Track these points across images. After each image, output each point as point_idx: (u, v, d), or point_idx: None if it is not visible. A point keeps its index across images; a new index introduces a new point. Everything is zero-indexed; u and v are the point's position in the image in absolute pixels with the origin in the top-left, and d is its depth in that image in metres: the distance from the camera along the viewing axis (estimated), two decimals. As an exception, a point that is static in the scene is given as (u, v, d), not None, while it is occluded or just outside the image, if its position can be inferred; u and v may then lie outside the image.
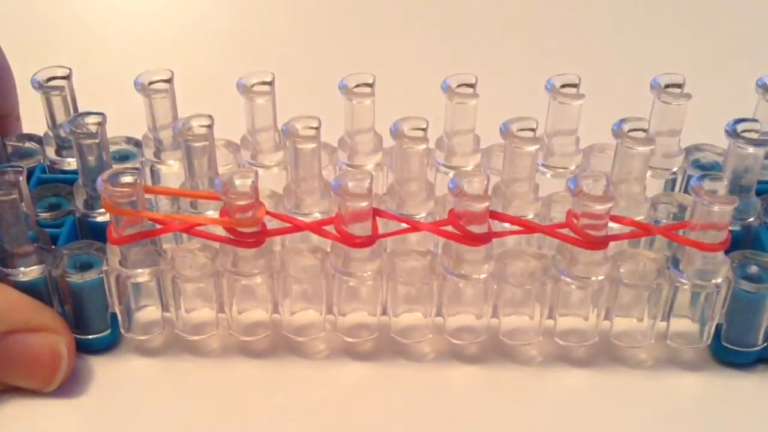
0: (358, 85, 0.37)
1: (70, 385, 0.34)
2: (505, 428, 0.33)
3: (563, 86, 0.37)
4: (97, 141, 0.35)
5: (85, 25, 0.59)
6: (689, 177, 0.38)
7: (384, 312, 0.36)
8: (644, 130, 0.35)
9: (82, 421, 0.34)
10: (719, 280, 0.33)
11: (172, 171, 0.39)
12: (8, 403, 0.34)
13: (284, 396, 0.34)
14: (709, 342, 0.35)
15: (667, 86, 0.37)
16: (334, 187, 0.32)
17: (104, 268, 0.34)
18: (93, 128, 0.35)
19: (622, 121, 0.35)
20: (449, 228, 0.33)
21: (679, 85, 0.37)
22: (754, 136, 0.35)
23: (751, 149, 0.35)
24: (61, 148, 0.39)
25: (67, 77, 0.38)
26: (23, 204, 0.33)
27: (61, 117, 0.39)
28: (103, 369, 0.35)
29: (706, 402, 0.34)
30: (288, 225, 0.34)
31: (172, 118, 0.38)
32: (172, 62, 0.38)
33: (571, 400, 0.34)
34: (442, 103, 0.37)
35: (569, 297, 0.35)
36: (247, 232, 0.33)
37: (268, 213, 0.33)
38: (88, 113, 0.35)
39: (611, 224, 0.33)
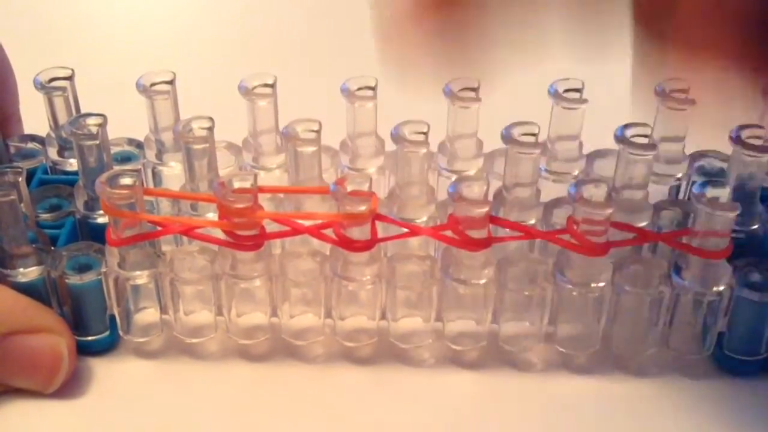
0: (360, 89, 0.37)
1: (68, 387, 0.34)
2: (503, 435, 0.33)
3: (566, 91, 0.36)
4: (98, 142, 0.35)
5: (87, 26, 0.59)
6: (693, 183, 0.38)
7: (383, 316, 0.35)
8: (647, 136, 0.35)
9: (81, 423, 0.34)
10: (721, 288, 0.33)
11: (174, 173, 0.38)
12: (8, 404, 0.34)
13: (283, 399, 0.34)
14: (712, 350, 0.35)
15: (672, 92, 0.36)
16: (333, 190, 0.32)
17: (103, 269, 0.34)
18: (94, 129, 0.35)
19: (625, 126, 0.35)
20: (449, 233, 0.33)
21: (684, 91, 0.36)
22: (759, 142, 0.35)
23: (755, 156, 0.35)
24: (63, 149, 0.39)
25: (70, 78, 0.38)
26: (22, 205, 0.33)
27: (63, 118, 0.39)
28: (102, 371, 0.35)
29: (708, 411, 0.34)
30: (287, 228, 0.34)
31: (173, 119, 0.38)
32: (174, 64, 0.38)
33: (571, 408, 0.34)
34: (444, 108, 0.37)
35: (570, 303, 0.35)
36: (246, 235, 0.33)
37: (267, 216, 0.33)
38: (89, 114, 0.35)
39: (613, 230, 0.33)
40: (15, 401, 0.34)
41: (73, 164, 0.39)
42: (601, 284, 0.33)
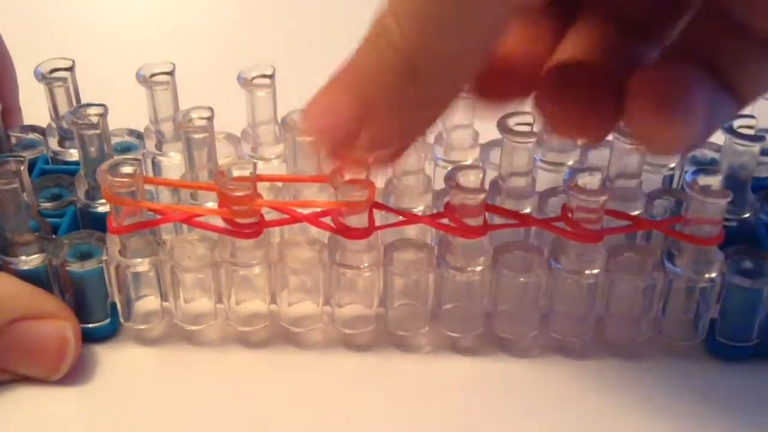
0: (357, 79, 0.37)
1: (70, 374, 0.34)
2: (500, 420, 0.34)
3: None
4: (99, 132, 0.35)
5: (88, 17, 0.59)
6: (686, 172, 0.38)
7: (381, 303, 0.36)
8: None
9: (81, 410, 0.34)
10: (714, 275, 0.34)
11: (174, 163, 0.39)
12: (12, 392, 0.34)
13: (281, 386, 0.35)
14: (704, 337, 0.35)
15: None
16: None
17: (104, 257, 0.34)
18: (94, 119, 0.35)
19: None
20: (445, 221, 0.33)
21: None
22: (750, 132, 0.35)
23: (747, 145, 0.35)
24: (64, 139, 0.40)
25: (70, 69, 0.39)
26: (24, 193, 0.34)
27: (63, 108, 0.39)
28: (102, 358, 0.35)
29: (700, 396, 0.34)
30: (286, 216, 0.34)
31: (173, 110, 0.38)
32: (174, 55, 0.39)
33: (566, 393, 0.35)
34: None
35: (564, 290, 0.35)
36: (245, 223, 0.33)
37: (265, 204, 0.33)
38: (90, 105, 0.36)
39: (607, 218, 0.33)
40: (19, 389, 0.34)
41: (73, 154, 0.39)
42: (595, 271, 0.34)
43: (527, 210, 0.36)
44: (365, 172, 0.32)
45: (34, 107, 0.42)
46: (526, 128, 0.35)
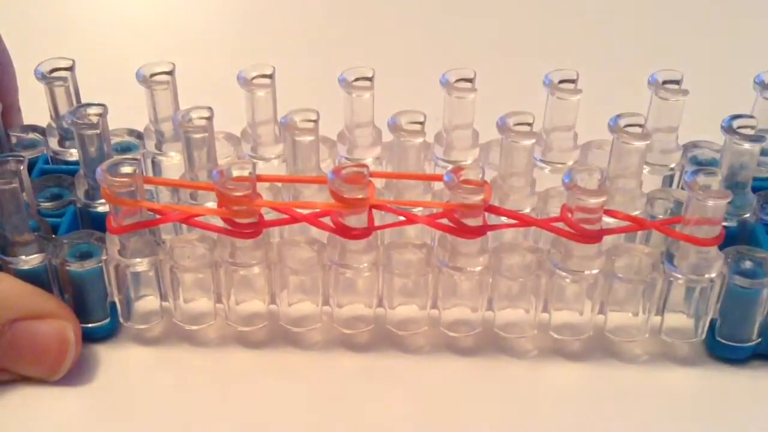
0: (357, 79, 0.37)
1: (70, 374, 0.34)
2: (498, 421, 0.34)
3: (561, 81, 0.37)
4: (98, 132, 0.35)
5: (88, 17, 0.59)
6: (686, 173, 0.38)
7: (380, 304, 0.36)
8: (641, 126, 0.35)
9: (81, 409, 0.34)
10: (713, 275, 0.34)
11: (173, 162, 0.39)
12: (12, 392, 0.34)
13: (280, 386, 0.35)
14: (704, 337, 0.35)
15: (665, 82, 0.37)
16: (330, 179, 0.32)
17: (104, 257, 0.34)
18: (94, 119, 0.35)
19: (619, 116, 0.35)
20: (445, 221, 0.33)
21: (677, 82, 0.37)
22: (750, 132, 0.35)
23: (746, 145, 0.35)
24: (64, 139, 0.40)
25: (70, 69, 0.39)
26: (24, 193, 0.33)
27: (64, 108, 0.39)
28: (103, 358, 0.35)
29: (700, 397, 0.35)
30: (285, 216, 0.34)
31: (173, 110, 0.38)
32: (174, 55, 0.39)
33: (565, 394, 0.35)
34: (441, 98, 0.37)
35: (564, 291, 0.35)
36: (245, 223, 0.33)
37: (265, 204, 0.33)
38: (90, 104, 0.36)
39: (607, 218, 0.33)
40: (19, 389, 0.34)
41: (73, 154, 0.39)
42: (595, 271, 0.34)
43: (527, 210, 0.36)
44: None
45: (34, 107, 0.42)
46: (526, 128, 0.35)
